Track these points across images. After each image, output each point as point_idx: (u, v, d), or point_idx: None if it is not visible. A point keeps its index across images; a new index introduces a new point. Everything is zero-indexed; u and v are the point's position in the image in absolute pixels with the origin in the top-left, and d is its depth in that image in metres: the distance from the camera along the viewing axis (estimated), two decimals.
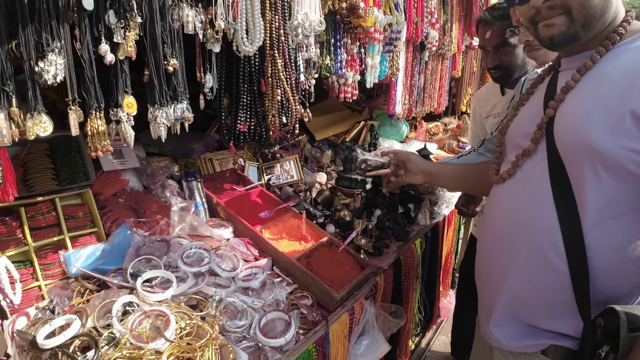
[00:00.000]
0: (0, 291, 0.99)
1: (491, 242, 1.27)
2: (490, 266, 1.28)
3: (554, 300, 1.09)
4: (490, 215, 1.28)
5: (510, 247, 1.17)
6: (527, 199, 1.12)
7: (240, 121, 1.41)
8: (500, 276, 1.21)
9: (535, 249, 1.10)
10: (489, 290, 1.28)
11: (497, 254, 1.23)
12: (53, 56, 0.99)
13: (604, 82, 1.01)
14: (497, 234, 1.23)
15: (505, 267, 1.19)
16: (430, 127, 3.05)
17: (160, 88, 1.17)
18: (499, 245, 1.22)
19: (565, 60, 1.14)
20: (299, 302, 1.56)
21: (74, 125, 1.03)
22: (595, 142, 0.96)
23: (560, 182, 1.04)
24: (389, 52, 2.05)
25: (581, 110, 1.01)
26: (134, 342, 1.24)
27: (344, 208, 2.22)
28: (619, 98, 0.95)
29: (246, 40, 1.29)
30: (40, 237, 1.51)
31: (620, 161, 0.95)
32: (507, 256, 1.18)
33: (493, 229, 1.26)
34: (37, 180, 1.57)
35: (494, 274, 1.25)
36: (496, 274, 1.24)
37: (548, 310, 1.11)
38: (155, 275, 1.45)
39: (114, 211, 1.69)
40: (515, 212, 1.15)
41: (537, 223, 1.09)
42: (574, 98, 1.05)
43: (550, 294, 1.09)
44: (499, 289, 1.22)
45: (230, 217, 1.88)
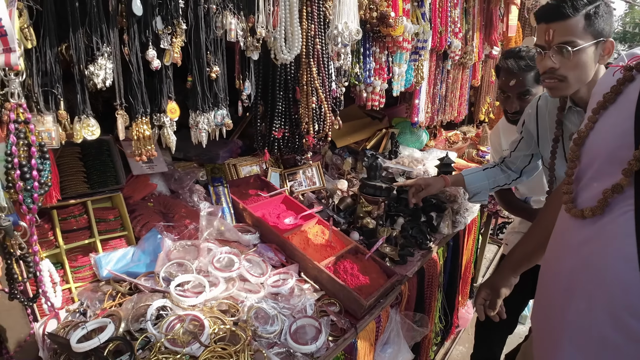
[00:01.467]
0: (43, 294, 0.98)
1: (555, 285, 1.07)
2: (549, 312, 1.09)
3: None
4: (558, 253, 1.08)
5: (581, 297, 0.97)
6: (606, 246, 0.92)
7: (275, 128, 1.41)
8: (560, 326, 1.02)
9: (610, 307, 0.91)
10: (550, 339, 1.08)
11: (561, 301, 1.03)
12: (103, 60, 0.99)
13: None
14: (565, 278, 1.03)
15: (570, 318, 1.00)
16: (450, 136, 3.04)
17: (203, 94, 1.17)
18: (566, 291, 1.02)
19: None
20: (328, 309, 1.55)
21: (121, 129, 1.04)
22: None
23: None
24: (414, 60, 2.05)
25: None
26: (169, 346, 1.23)
27: (366, 215, 2.21)
28: None
29: (284, 48, 1.29)
30: (71, 239, 1.52)
31: None
32: (575, 307, 0.98)
33: (560, 270, 1.05)
34: (69, 183, 1.57)
35: (552, 321, 1.06)
36: (556, 323, 1.04)
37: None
38: (188, 280, 1.45)
39: (144, 215, 1.69)
40: (591, 259, 0.95)
41: (615, 278, 0.90)
42: None
43: (621, 356, 0.91)
44: (558, 344, 1.02)
45: (256, 222, 1.87)
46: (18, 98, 0.85)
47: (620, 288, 0.89)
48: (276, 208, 2.04)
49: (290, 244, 1.75)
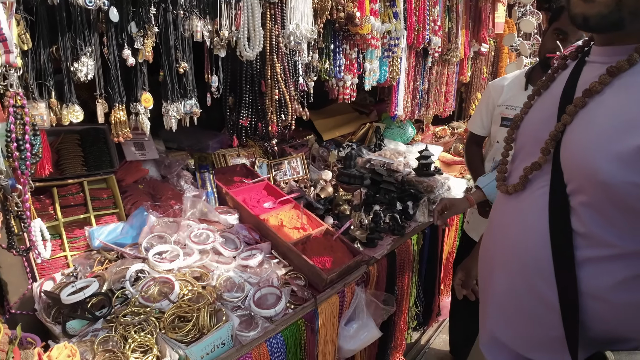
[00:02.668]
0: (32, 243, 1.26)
1: (486, 257, 1.20)
2: (484, 281, 1.21)
3: (542, 332, 1.00)
4: (490, 226, 1.21)
5: (501, 266, 1.09)
6: (523, 217, 1.02)
7: (243, 117, 1.65)
8: (491, 295, 1.13)
9: (525, 274, 1.01)
10: (483, 307, 1.22)
11: (489, 270, 1.15)
12: (85, 58, 1.26)
13: (630, 96, 0.84)
14: (492, 249, 1.15)
15: (495, 287, 1.11)
16: (437, 131, 3.22)
17: (172, 86, 1.43)
18: (492, 260, 1.14)
19: (598, 49, 0.95)
20: (292, 281, 1.78)
21: (100, 114, 1.30)
22: (599, 171, 0.83)
23: (559, 206, 0.93)
24: (388, 57, 2.26)
25: (595, 129, 0.86)
26: (142, 302, 1.49)
27: (344, 203, 2.44)
28: (635, 123, 0.80)
29: (247, 47, 1.53)
30: (69, 214, 1.80)
31: (624, 197, 0.82)
32: (498, 275, 1.10)
33: (489, 241, 1.18)
34: (68, 165, 1.87)
35: (486, 291, 1.18)
36: (489, 292, 1.16)
37: (536, 342, 1.03)
38: (165, 249, 1.71)
39: (134, 195, 1.97)
40: (510, 229, 1.06)
41: (528, 246, 0.99)
42: (594, 109, 0.89)
43: (539, 325, 1.00)
44: (488, 309, 1.15)
45: (237, 205, 2.13)
46: (16, 88, 1.12)
47: (533, 257, 0.99)
48: (257, 194, 2.29)
49: (265, 225, 1.99)
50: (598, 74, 0.89)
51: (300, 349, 1.73)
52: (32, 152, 1.12)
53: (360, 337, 2.02)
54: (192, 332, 1.42)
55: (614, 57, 0.88)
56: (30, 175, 1.15)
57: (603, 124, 0.85)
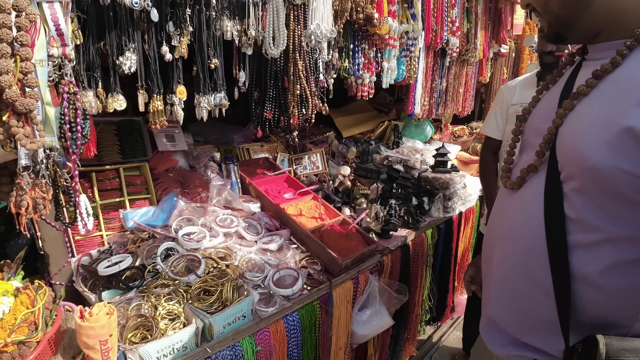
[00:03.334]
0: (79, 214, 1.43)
1: (488, 246, 1.25)
2: (486, 270, 1.27)
3: (537, 315, 1.05)
4: (492, 217, 1.28)
5: (502, 253, 1.15)
6: (521, 205, 1.10)
7: (267, 110, 1.80)
8: (491, 282, 1.20)
9: (522, 259, 1.07)
10: (485, 293, 1.29)
11: (491, 259, 1.21)
12: (129, 53, 1.44)
13: (615, 89, 0.92)
14: (493, 236, 1.21)
15: (495, 272, 1.17)
16: (456, 130, 3.31)
17: (204, 80, 1.59)
18: (494, 247, 1.20)
19: (590, 47, 1.04)
20: (309, 265, 1.92)
21: (141, 104, 1.47)
22: (589, 157, 0.89)
23: (553, 194, 1.00)
24: (405, 56, 2.38)
25: (585, 121, 0.94)
26: (172, 275, 1.65)
27: (362, 197, 2.56)
28: (620, 110, 0.87)
29: (272, 45, 1.69)
30: (106, 197, 1.99)
31: (614, 183, 0.88)
32: (498, 261, 1.16)
33: (490, 231, 1.25)
34: (106, 153, 2.06)
35: (487, 277, 1.25)
36: (488, 278, 1.23)
37: (531, 325, 1.08)
38: (193, 231, 1.88)
39: (165, 182, 2.15)
40: (511, 219, 1.13)
41: (525, 232, 1.06)
42: (584, 106, 0.96)
43: (534, 308, 1.06)
44: (488, 294, 1.22)
45: (259, 195, 2.28)
46: (70, 77, 1.30)
47: (530, 242, 1.04)
48: (278, 185, 2.44)
49: (285, 213, 2.14)
50: (591, 70, 0.97)
51: (315, 329, 1.87)
52: (82, 134, 1.30)
53: (373, 323, 2.14)
54: (216, 304, 1.57)
55: (600, 54, 0.98)
56: (80, 154, 1.33)
57: (592, 116, 0.93)
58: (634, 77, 0.89)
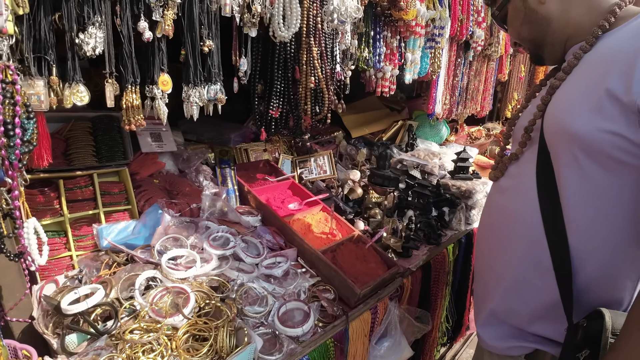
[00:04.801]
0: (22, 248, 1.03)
1: (484, 239, 1.26)
2: (482, 263, 1.26)
3: (540, 299, 1.06)
4: (485, 210, 1.29)
5: (500, 241, 1.15)
6: (515, 193, 1.11)
7: (273, 107, 1.41)
8: (490, 274, 1.19)
9: (521, 243, 1.07)
10: (482, 289, 1.26)
11: (488, 250, 1.21)
12: (93, 29, 1.03)
13: (587, 70, 0.99)
14: (489, 230, 1.22)
15: (495, 263, 1.17)
16: (472, 131, 2.94)
17: (195, 68, 1.19)
18: (489, 239, 1.21)
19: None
20: (321, 295, 1.54)
21: (109, 97, 1.07)
22: (572, 125, 0.93)
23: (544, 173, 1.02)
24: (430, 48, 1.99)
25: (564, 102, 1.00)
26: (152, 315, 1.26)
27: (375, 206, 2.18)
28: (597, 80, 0.92)
29: (282, 26, 1.29)
30: (76, 209, 1.58)
31: (600, 146, 0.91)
32: (497, 252, 1.16)
33: (486, 224, 1.26)
34: (77, 155, 1.64)
35: (485, 271, 1.24)
36: (487, 272, 1.22)
37: (534, 311, 1.08)
38: (181, 254, 1.48)
39: (148, 191, 1.74)
40: (504, 206, 1.14)
41: (522, 216, 1.07)
42: (560, 94, 1.03)
43: (537, 292, 1.06)
44: (488, 288, 1.20)
45: (259, 205, 1.89)
46: (6, 59, 0.89)
47: (525, 224, 1.05)
48: (282, 193, 2.05)
49: (290, 229, 1.75)
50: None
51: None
52: (23, 139, 0.89)
53: (391, 356, 1.78)
54: (209, 355, 1.18)
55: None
56: (22, 166, 0.92)
57: (572, 92, 0.98)
58: (604, 52, 0.96)
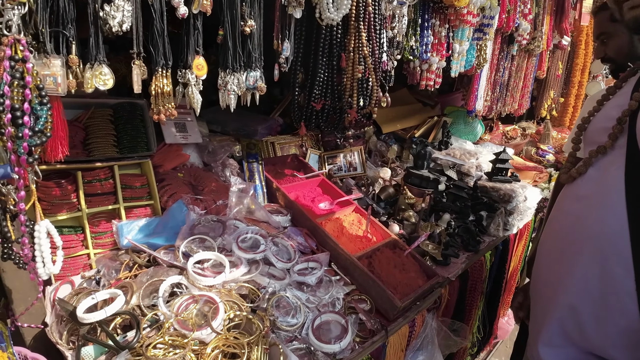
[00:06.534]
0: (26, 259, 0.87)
1: (552, 246, 1.12)
2: (547, 272, 1.13)
3: (613, 322, 0.93)
4: (555, 217, 1.14)
5: (572, 252, 1.02)
6: (596, 202, 0.98)
7: (315, 99, 1.22)
8: (557, 284, 1.06)
9: (600, 258, 0.95)
10: (543, 301, 1.13)
11: (556, 260, 1.08)
12: (120, 1, 0.85)
13: None
14: (560, 237, 1.09)
15: (563, 274, 1.03)
16: (508, 130, 2.73)
17: (235, 51, 1.01)
18: (560, 249, 1.08)
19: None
20: (357, 305, 1.37)
21: (136, 81, 0.89)
22: None
23: (636, 184, 0.89)
24: (478, 39, 1.79)
25: None
26: (178, 328, 1.10)
27: (409, 208, 2.00)
28: None
29: (331, 6, 1.10)
30: (95, 204, 1.42)
31: None
32: (567, 262, 1.03)
33: (556, 231, 1.12)
34: (97, 145, 1.48)
35: (550, 281, 1.10)
36: (552, 282, 1.08)
37: (605, 334, 0.95)
38: (208, 258, 1.32)
39: (172, 185, 1.58)
40: (582, 216, 1.01)
41: (604, 229, 0.95)
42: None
43: (610, 313, 0.94)
44: (553, 300, 1.06)
45: (289, 204, 1.72)
46: (16, 32, 0.72)
47: (608, 239, 0.93)
48: (312, 191, 1.87)
49: (323, 231, 1.58)
50: None
51: None
52: (34, 129, 0.72)
53: None
54: None
55: None
56: (34, 161, 0.75)
57: None
58: None
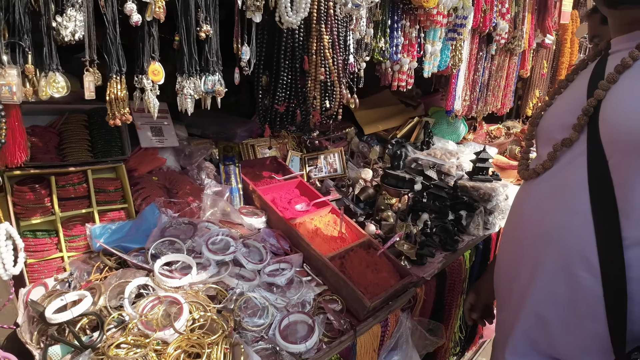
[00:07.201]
0: None
1: (513, 250, 1.06)
2: (510, 279, 1.07)
3: (582, 328, 0.89)
4: (515, 217, 1.08)
5: (534, 257, 0.97)
6: (559, 202, 0.92)
7: (278, 101, 1.25)
8: (521, 293, 1.00)
9: (564, 262, 0.90)
10: (508, 309, 1.08)
11: (518, 265, 1.03)
12: (72, 12, 0.88)
13: None
14: (521, 241, 1.03)
15: (527, 281, 0.98)
16: (492, 130, 2.74)
17: (190, 56, 1.03)
18: (522, 254, 1.01)
19: (618, 40, 0.94)
20: (327, 306, 1.39)
21: (88, 87, 0.92)
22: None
23: (600, 183, 0.85)
24: (451, 39, 1.81)
25: (637, 98, 0.82)
26: (142, 328, 1.13)
27: (388, 208, 2.02)
28: None
29: (290, 10, 1.12)
30: (68, 207, 1.46)
31: None
32: (530, 268, 0.98)
33: (516, 233, 1.05)
34: (71, 150, 1.51)
35: (514, 289, 1.05)
36: (516, 290, 1.03)
37: (575, 341, 0.92)
38: (177, 259, 1.34)
39: (146, 189, 1.61)
40: (544, 216, 0.95)
41: (568, 231, 0.90)
42: (629, 81, 0.85)
43: (578, 319, 0.90)
44: (518, 309, 1.01)
45: (264, 206, 1.74)
46: None
47: (573, 241, 0.88)
48: (289, 193, 1.89)
49: (296, 232, 1.60)
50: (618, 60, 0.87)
51: None
52: None
53: None
54: None
55: (636, 42, 0.86)
56: None
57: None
58: None
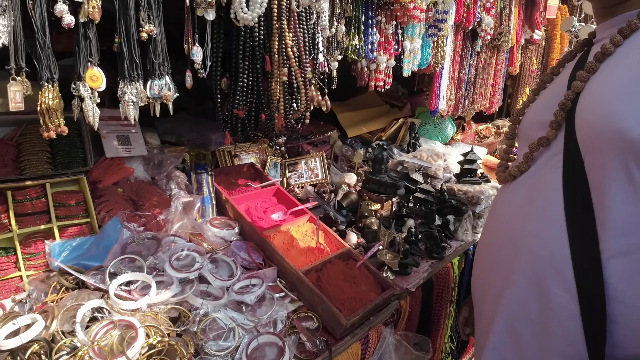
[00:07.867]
0: None
1: (486, 259, 1.00)
2: (483, 290, 1.00)
3: (560, 350, 0.81)
4: (490, 223, 1.03)
5: (506, 268, 0.89)
6: (531, 207, 0.85)
7: (238, 105, 1.16)
8: (493, 305, 0.93)
9: (536, 276, 0.82)
10: (481, 321, 1.01)
11: (490, 275, 0.96)
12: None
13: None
14: (494, 249, 0.96)
15: (499, 293, 0.91)
16: (481, 130, 2.66)
17: (131, 59, 0.94)
18: (494, 263, 0.94)
19: (601, 27, 0.88)
20: (300, 325, 1.30)
21: (14, 98, 0.83)
22: (629, 130, 0.69)
23: (575, 187, 0.77)
24: (432, 35, 1.72)
25: (614, 89, 0.75)
26: (93, 356, 1.03)
27: (371, 215, 1.93)
28: None
29: (245, 5, 1.04)
30: (26, 224, 1.37)
31: None
32: (501, 280, 0.91)
33: (490, 240, 0.99)
34: (29, 163, 1.43)
35: (485, 300, 0.98)
36: (487, 302, 0.97)
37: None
38: (135, 279, 1.25)
39: (110, 201, 1.52)
40: (514, 224, 0.89)
41: (540, 241, 0.82)
42: (610, 69, 0.78)
43: (556, 340, 0.81)
44: (490, 323, 0.95)
45: (237, 216, 1.65)
46: None
47: (545, 252, 0.81)
48: (266, 201, 1.80)
49: (270, 244, 1.51)
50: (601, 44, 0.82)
51: None
52: None
53: None
54: None
55: (618, 27, 0.79)
56: None
57: (623, 83, 0.73)
58: None
